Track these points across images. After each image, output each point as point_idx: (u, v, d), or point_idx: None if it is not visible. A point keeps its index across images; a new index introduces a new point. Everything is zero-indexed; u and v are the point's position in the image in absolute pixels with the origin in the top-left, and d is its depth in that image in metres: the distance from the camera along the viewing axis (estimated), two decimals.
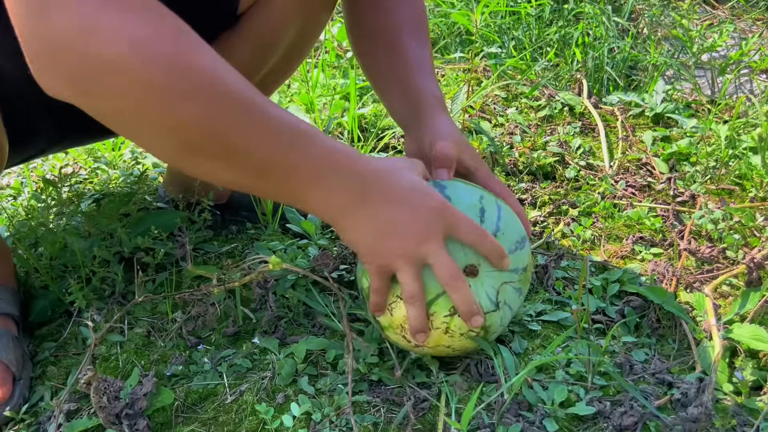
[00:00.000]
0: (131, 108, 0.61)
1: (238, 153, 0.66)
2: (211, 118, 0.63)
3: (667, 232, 1.17)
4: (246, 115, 0.65)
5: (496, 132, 1.47)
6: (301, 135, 0.68)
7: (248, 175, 0.68)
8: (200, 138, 0.64)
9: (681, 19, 1.89)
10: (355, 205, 0.72)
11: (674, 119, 1.54)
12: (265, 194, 0.90)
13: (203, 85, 0.62)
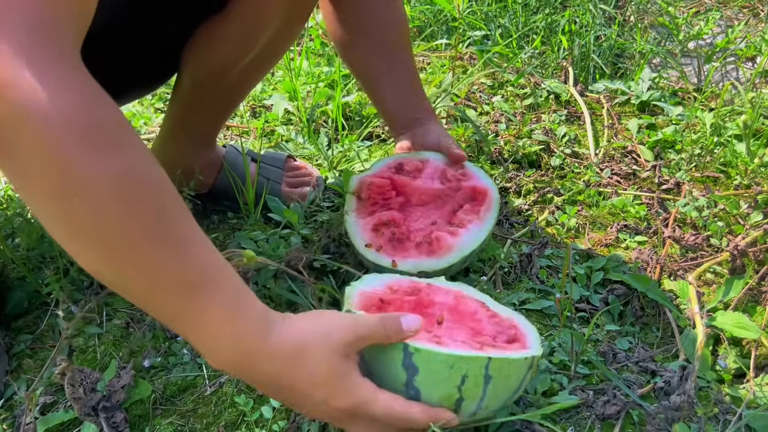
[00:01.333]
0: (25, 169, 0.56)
1: (126, 271, 0.60)
2: (103, 224, 0.57)
3: (651, 220, 1.16)
4: (146, 239, 0.59)
5: (481, 120, 1.46)
6: (205, 288, 0.61)
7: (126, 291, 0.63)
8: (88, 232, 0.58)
9: (667, 7, 1.88)
10: (266, 380, 0.65)
11: (660, 107, 1.53)
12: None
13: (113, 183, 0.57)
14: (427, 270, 0.93)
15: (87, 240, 0.58)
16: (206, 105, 1.12)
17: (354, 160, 1.32)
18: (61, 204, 0.56)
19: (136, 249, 0.58)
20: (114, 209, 0.57)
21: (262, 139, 1.42)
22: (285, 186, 1.24)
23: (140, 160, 0.59)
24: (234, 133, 1.46)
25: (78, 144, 0.55)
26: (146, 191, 0.59)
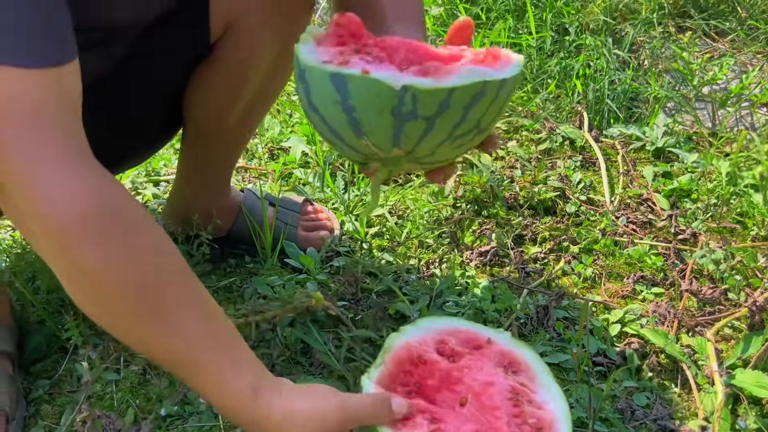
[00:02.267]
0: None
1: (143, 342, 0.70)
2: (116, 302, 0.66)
3: (668, 271, 1.16)
4: (140, 320, 0.67)
5: (496, 165, 1.47)
6: (193, 366, 0.68)
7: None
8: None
9: (681, 52, 1.90)
10: None
11: (675, 153, 1.54)
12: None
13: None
14: None
15: (91, 309, 0.69)
16: (213, 149, 1.14)
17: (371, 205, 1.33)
18: (70, 283, 0.66)
19: (131, 326, 0.68)
20: (114, 293, 0.65)
21: (280, 182, 1.44)
22: (301, 230, 1.25)
23: (143, 246, 0.66)
24: (252, 175, 1.48)
25: (85, 236, 0.63)
26: (146, 277, 0.66)
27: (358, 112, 0.59)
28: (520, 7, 2.15)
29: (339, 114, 0.60)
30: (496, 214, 1.32)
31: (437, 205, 1.33)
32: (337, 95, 0.59)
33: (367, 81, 0.58)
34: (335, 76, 0.59)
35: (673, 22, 2.15)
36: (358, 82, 0.58)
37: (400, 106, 0.58)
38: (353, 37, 0.67)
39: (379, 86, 0.57)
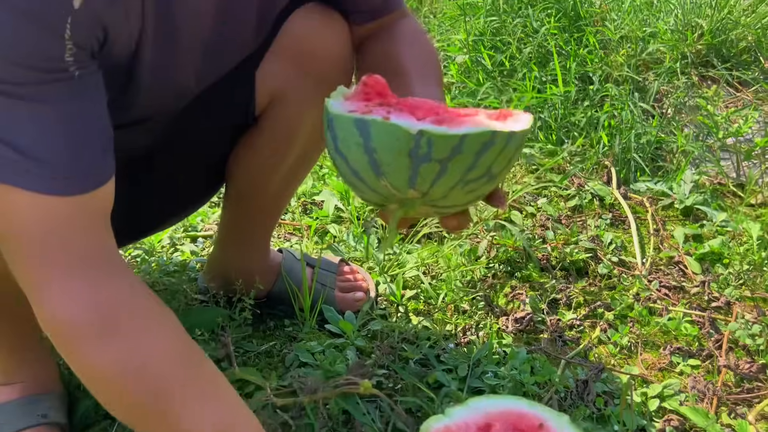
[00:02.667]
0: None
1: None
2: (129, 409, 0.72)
3: (704, 341, 1.17)
4: (144, 417, 0.71)
5: (527, 224, 1.49)
6: None
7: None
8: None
9: (706, 105, 1.92)
10: None
11: (704, 211, 1.55)
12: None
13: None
14: None
15: (106, 407, 0.74)
16: (254, 211, 1.17)
17: (405, 265, 1.35)
18: (84, 379, 0.71)
19: (140, 422, 0.72)
20: (120, 393, 0.70)
21: (315, 238, 1.46)
22: (338, 291, 1.27)
23: (147, 346, 0.70)
24: (287, 231, 1.50)
25: (89, 340, 0.68)
26: (149, 377, 0.69)
27: (378, 153, 0.65)
28: (543, 55, 2.18)
29: (361, 156, 0.66)
30: (530, 276, 1.34)
31: (471, 266, 1.35)
32: (360, 138, 0.65)
33: (387, 125, 0.63)
34: (359, 122, 0.65)
35: (696, 72, 2.18)
36: (379, 127, 0.64)
37: (416, 148, 0.63)
38: (379, 96, 0.73)
39: (398, 130, 0.63)
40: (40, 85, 0.62)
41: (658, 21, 2.30)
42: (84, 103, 0.66)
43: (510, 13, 2.32)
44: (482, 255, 1.38)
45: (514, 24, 2.26)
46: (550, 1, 2.34)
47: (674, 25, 2.27)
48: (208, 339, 1.12)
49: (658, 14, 2.36)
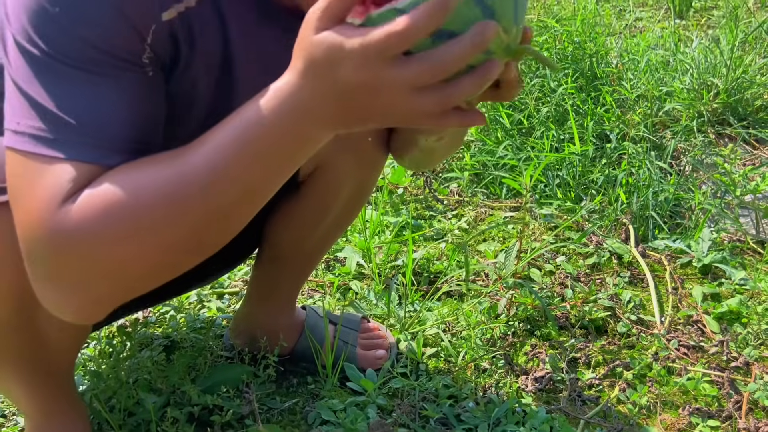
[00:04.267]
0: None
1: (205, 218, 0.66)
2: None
3: (723, 401, 1.18)
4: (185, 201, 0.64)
5: (546, 281, 1.51)
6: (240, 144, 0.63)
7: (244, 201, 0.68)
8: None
9: (723, 163, 1.95)
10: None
11: (723, 269, 1.56)
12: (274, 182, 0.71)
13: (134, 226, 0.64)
14: None
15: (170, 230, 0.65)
16: (286, 273, 1.21)
17: (425, 323, 1.38)
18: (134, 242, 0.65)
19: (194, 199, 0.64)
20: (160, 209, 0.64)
21: (337, 295, 1.49)
22: (360, 348, 1.29)
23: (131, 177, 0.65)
24: (309, 287, 1.54)
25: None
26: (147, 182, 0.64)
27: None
28: (561, 114, 2.23)
29: (470, 10, 0.57)
30: (549, 335, 1.35)
31: (491, 324, 1.37)
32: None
33: None
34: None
35: (713, 130, 2.21)
36: None
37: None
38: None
39: None
40: (113, 68, 0.66)
41: (674, 81, 2.35)
42: (148, 94, 0.69)
43: (528, 74, 2.38)
44: (502, 313, 1.40)
45: (531, 84, 2.32)
46: (567, 61, 2.41)
47: (690, 84, 2.32)
48: (233, 396, 1.15)
49: (673, 74, 2.41)
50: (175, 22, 0.69)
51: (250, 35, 0.77)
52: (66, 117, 0.64)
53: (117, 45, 0.65)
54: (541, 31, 2.55)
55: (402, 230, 1.71)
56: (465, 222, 1.79)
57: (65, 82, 0.64)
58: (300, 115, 0.61)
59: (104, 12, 0.64)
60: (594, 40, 2.49)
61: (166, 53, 0.71)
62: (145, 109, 0.69)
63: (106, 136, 0.65)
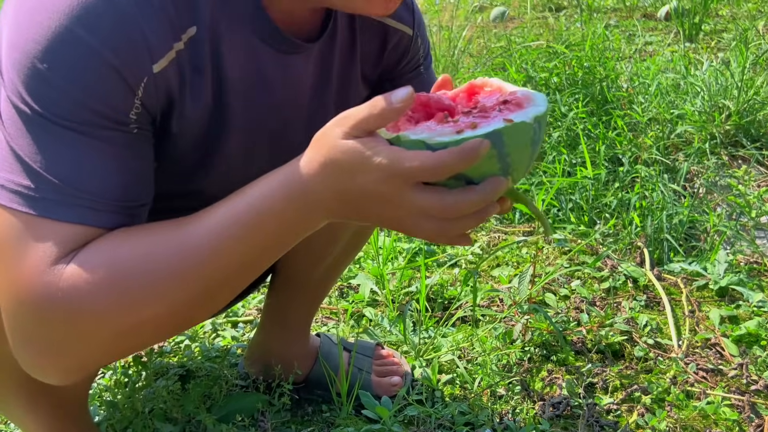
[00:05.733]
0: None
1: (212, 288, 0.67)
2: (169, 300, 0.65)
3: (744, 425, 1.16)
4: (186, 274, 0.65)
5: (561, 306, 1.50)
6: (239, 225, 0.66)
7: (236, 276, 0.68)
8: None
9: (737, 185, 1.94)
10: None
11: (740, 292, 1.55)
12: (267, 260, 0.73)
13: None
14: None
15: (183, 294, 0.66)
16: (298, 300, 1.22)
17: (440, 349, 1.37)
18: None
19: (181, 299, 0.66)
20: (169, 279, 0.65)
21: (351, 322, 1.49)
22: (375, 375, 1.29)
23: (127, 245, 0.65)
24: (323, 314, 1.54)
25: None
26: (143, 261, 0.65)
27: (511, 156, 0.64)
28: (573, 138, 2.24)
29: (493, 166, 0.64)
30: (566, 360, 1.34)
31: (506, 350, 1.36)
32: (494, 150, 0.63)
33: (517, 126, 0.63)
34: (491, 135, 0.62)
35: (726, 152, 2.20)
36: (511, 131, 0.63)
37: (535, 134, 0.65)
38: (423, 109, 0.71)
39: (525, 126, 0.63)
40: (101, 129, 0.66)
41: (685, 104, 2.35)
42: (134, 154, 0.69)
43: None
44: (517, 338, 1.39)
45: None
46: (577, 86, 2.42)
47: (701, 106, 2.32)
48: (248, 424, 1.15)
49: (684, 96, 2.41)
50: (166, 71, 0.69)
51: (249, 59, 0.77)
52: (51, 177, 0.63)
53: (106, 103, 0.65)
54: (550, 57, 2.57)
55: (415, 256, 1.72)
56: (478, 247, 1.79)
57: (53, 140, 0.64)
58: (309, 205, 0.66)
59: (94, 69, 0.63)
60: (604, 65, 2.50)
61: (157, 105, 0.70)
62: (132, 168, 0.68)
63: (93, 196, 0.65)
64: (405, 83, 1.03)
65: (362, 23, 0.91)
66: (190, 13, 0.71)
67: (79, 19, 0.63)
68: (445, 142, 0.61)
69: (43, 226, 0.64)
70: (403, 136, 0.63)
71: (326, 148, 0.64)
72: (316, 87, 0.88)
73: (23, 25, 0.64)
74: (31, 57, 0.63)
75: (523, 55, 2.64)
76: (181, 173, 0.81)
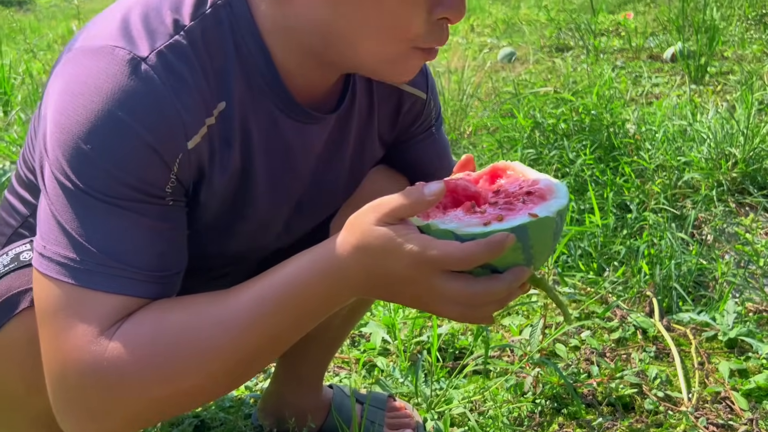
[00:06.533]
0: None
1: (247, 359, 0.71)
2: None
3: None
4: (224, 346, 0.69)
5: (572, 357, 1.52)
6: (273, 304, 0.70)
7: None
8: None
9: (744, 234, 1.96)
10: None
11: (749, 343, 1.56)
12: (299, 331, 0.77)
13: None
14: None
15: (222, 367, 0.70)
16: (312, 350, 1.24)
17: (452, 401, 1.39)
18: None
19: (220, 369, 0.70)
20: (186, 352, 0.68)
21: (363, 372, 1.51)
22: (387, 428, 1.30)
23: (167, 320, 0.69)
24: (335, 364, 1.56)
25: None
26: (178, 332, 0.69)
27: (534, 248, 0.68)
28: (581, 184, 2.27)
29: (517, 257, 0.68)
30: (576, 413, 1.35)
31: (517, 403, 1.37)
32: (519, 243, 0.67)
33: (541, 222, 0.67)
34: (516, 230, 0.66)
35: (733, 199, 2.23)
36: (535, 225, 0.67)
37: (557, 227, 0.70)
38: (450, 195, 0.75)
39: (548, 220, 0.68)
40: (139, 203, 0.70)
41: (691, 151, 2.38)
42: (170, 225, 0.74)
43: (546, 145, 2.43)
44: (528, 391, 1.40)
45: (551, 156, 2.37)
46: (584, 132, 2.46)
47: (708, 153, 2.35)
48: None
49: (691, 143, 2.44)
50: (199, 146, 0.73)
51: (271, 128, 0.82)
52: (94, 249, 0.68)
53: (144, 179, 0.69)
54: (558, 104, 2.61)
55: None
56: None
57: (95, 215, 0.68)
58: (341, 284, 0.70)
59: (134, 148, 0.68)
60: (611, 111, 2.54)
61: (190, 177, 0.74)
62: (168, 238, 0.73)
63: (133, 267, 0.69)
64: (417, 144, 1.07)
65: (379, 88, 0.95)
66: (220, 89, 0.75)
67: (119, 102, 0.67)
68: (473, 233, 0.65)
69: (87, 297, 0.68)
70: (433, 224, 0.67)
71: (359, 232, 0.68)
72: (334, 151, 0.92)
73: (68, 108, 0.68)
74: (75, 138, 0.67)
75: (530, 101, 2.69)
76: (208, 237, 0.85)
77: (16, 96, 3.73)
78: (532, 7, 6.30)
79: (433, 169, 1.08)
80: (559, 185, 0.72)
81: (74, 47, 0.71)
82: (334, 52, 0.76)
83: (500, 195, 0.73)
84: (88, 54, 0.69)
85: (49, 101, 0.71)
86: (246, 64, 0.76)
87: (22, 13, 9.82)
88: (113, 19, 0.72)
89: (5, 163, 2.60)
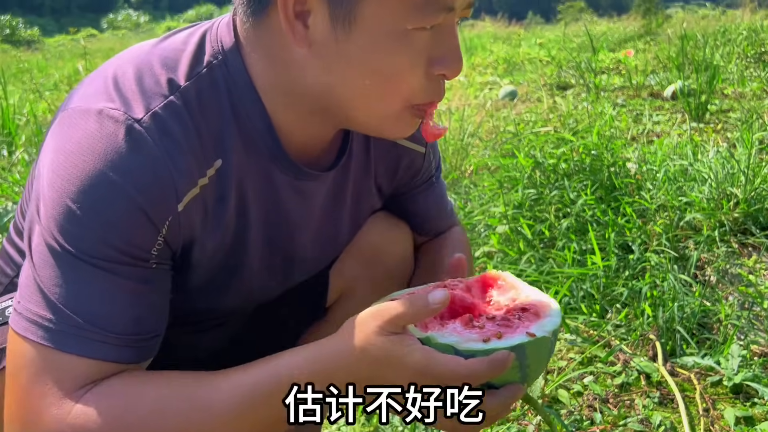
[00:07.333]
0: None
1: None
2: None
3: None
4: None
5: (575, 403, 1.49)
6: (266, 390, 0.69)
7: None
8: None
9: (748, 275, 1.94)
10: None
11: (755, 388, 1.53)
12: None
13: None
14: None
15: None
16: None
17: None
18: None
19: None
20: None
21: (362, 420, 1.49)
22: None
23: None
24: None
25: None
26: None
27: (530, 367, 0.70)
28: (582, 224, 2.26)
29: (514, 375, 0.70)
30: None
31: None
32: (516, 361, 0.68)
33: (539, 341, 0.69)
34: (515, 348, 0.68)
35: (736, 239, 2.22)
36: (533, 345, 0.69)
37: (551, 345, 0.71)
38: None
39: (545, 340, 0.70)
40: (122, 265, 0.69)
41: (692, 191, 2.38)
42: (152, 288, 0.72)
43: (547, 185, 2.43)
44: None
45: (551, 195, 2.37)
46: (585, 173, 2.46)
47: (709, 194, 2.35)
48: None
49: (692, 183, 2.44)
50: (189, 207, 0.73)
51: (267, 184, 0.81)
52: (69, 311, 0.66)
53: (131, 242, 0.68)
54: (558, 143, 2.62)
55: None
56: None
57: (75, 275, 0.67)
58: (340, 378, 0.69)
59: (124, 210, 0.67)
60: (611, 151, 2.55)
61: (179, 239, 0.74)
62: (148, 302, 0.71)
63: (108, 331, 0.67)
64: (417, 195, 1.07)
65: (377, 143, 0.95)
66: (216, 147, 0.75)
67: (112, 163, 0.67)
68: (473, 350, 0.67)
69: (56, 358, 0.66)
70: (433, 337, 0.68)
71: (359, 339, 0.68)
72: (331, 207, 0.92)
73: (61, 167, 0.68)
74: (65, 197, 0.67)
75: (531, 141, 2.70)
76: (199, 294, 0.84)
77: (20, 136, 3.76)
78: (533, 45, 6.38)
79: (432, 215, 1.08)
80: (550, 300, 0.75)
81: (69, 107, 0.71)
82: (331, 111, 0.77)
83: (494, 306, 0.75)
84: (83, 114, 0.69)
85: (44, 160, 0.71)
86: (242, 125, 0.76)
87: (30, 52, 9.98)
88: (107, 77, 0.72)
89: (8, 203, 2.61)
